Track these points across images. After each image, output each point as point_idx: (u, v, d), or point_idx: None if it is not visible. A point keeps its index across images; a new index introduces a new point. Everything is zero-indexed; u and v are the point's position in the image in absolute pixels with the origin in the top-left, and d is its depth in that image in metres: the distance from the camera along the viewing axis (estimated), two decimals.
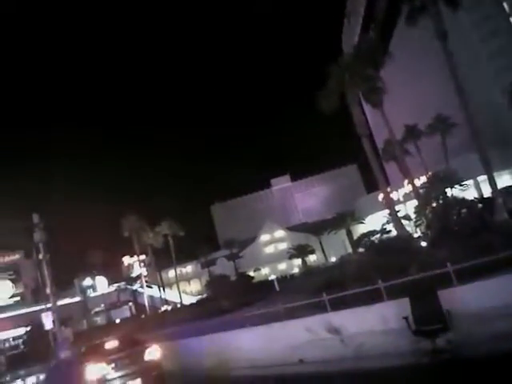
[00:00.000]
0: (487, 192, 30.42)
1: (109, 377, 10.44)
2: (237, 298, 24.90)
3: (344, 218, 60.86)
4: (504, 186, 35.09)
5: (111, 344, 11.81)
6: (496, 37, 53.23)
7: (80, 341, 29.28)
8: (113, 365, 10.59)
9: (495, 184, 23.09)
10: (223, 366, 13.32)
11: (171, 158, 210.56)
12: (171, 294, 67.48)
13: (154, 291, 67.13)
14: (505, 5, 53.60)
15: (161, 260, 66.17)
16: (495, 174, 24.58)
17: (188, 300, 62.58)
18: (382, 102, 29.90)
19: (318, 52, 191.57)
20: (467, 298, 9.72)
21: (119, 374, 10.54)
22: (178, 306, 57.37)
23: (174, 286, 66.33)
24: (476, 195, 35.72)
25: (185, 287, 78.29)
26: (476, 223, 18.98)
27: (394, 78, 50.29)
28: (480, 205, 23.80)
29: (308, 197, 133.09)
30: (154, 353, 11.59)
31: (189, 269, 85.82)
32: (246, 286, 30.62)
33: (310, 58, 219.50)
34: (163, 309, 57.59)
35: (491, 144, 38.28)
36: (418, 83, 65.85)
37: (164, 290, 65.44)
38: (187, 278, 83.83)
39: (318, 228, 71.29)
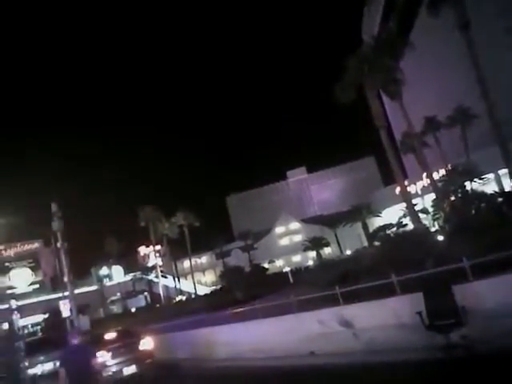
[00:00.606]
0: (508, 186, 29.71)
1: (108, 363, 12.09)
2: (251, 290, 25.03)
3: (360, 211, 60.26)
4: None
5: (110, 335, 13.59)
6: None
7: (97, 328, 29.93)
8: (111, 353, 12.31)
9: None
10: (231, 356, 13.44)
11: (188, 149, 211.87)
12: (186, 285, 68.18)
13: (169, 281, 67.90)
14: None
15: (176, 250, 66.83)
16: None
17: (202, 291, 63.16)
18: (401, 93, 29.37)
19: (338, 42, 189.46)
20: (482, 294, 9.56)
21: (116, 360, 12.32)
22: (193, 296, 57.96)
23: (189, 277, 66.99)
24: (496, 189, 34.91)
25: (199, 278, 79.00)
26: (495, 218, 18.61)
27: (414, 69, 49.25)
28: (500, 199, 23.27)
29: (324, 189, 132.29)
30: (147, 343, 13.57)
31: (204, 259, 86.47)
32: (260, 278, 30.70)
33: (329, 48, 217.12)
34: (178, 299, 58.28)
35: None
36: (438, 74, 64.46)
37: (179, 280, 66.16)
38: (202, 269, 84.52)
39: (333, 220, 70.91)
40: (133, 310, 59.42)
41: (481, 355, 8.33)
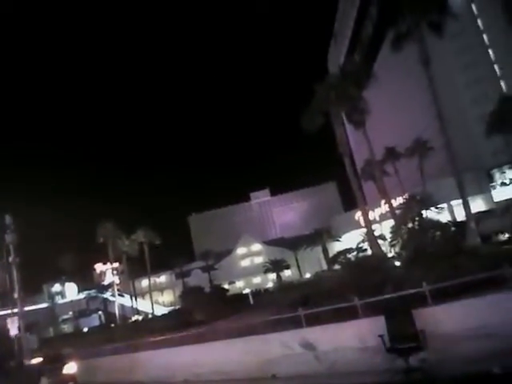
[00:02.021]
0: (461, 216, 31.15)
1: None
2: (211, 311, 24.61)
3: (320, 235, 61.20)
4: (477, 210, 36.09)
5: (37, 360, 15.42)
6: (475, 67, 55.27)
7: (45, 348, 28.36)
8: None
9: (469, 208, 23.70)
10: (190, 379, 13.13)
11: (152, 166, 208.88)
12: (143, 304, 66.17)
13: (126, 300, 65.66)
14: (484, 36, 55.80)
15: (135, 269, 64.94)
16: (469, 199, 25.24)
17: (160, 311, 61.46)
18: (365, 122, 30.47)
19: (304, 71, 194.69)
20: (441, 319, 9.89)
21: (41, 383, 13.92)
22: (150, 316, 56.26)
23: (147, 296, 65.09)
24: (450, 218, 36.56)
25: (157, 297, 76.98)
26: (449, 246, 19.41)
27: (377, 100, 51.46)
28: (453, 228, 24.35)
29: (286, 212, 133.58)
30: (70, 368, 15.03)
31: (163, 279, 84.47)
32: (220, 299, 30.25)
33: (295, 76, 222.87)
34: (134, 318, 56.34)
35: (466, 169, 39.45)
36: (399, 106, 67.53)
37: (136, 299, 64.13)
38: (160, 288, 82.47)
39: (294, 243, 71.46)
40: (85, 329, 56.81)
41: (438, 379, 8.59)
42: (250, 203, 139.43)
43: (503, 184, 48.87)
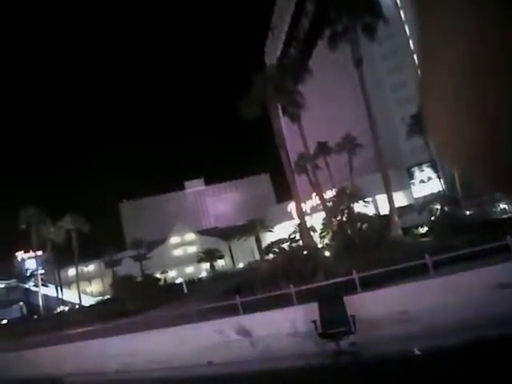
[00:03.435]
0: (384, 209, 33.27)
1: None
2: (144, 300, 24.21)
3: (254, 226, 62.10)
4: (399, 205, 38.74)
5: None
6: (401, 71, 58.85)
7: None
8: None
9: (393, 202, 25.45)
10: (124, 369, 12.95)
11: (82, 151, 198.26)
12: (69, 294, 63.16)
13: (51, 290, 62.22)
14: (410, 42, 59.46)
15: (61, 257, 61.55)
16: (392, 194, 27.07)
17: (88, 301, 59.11)
18: (300, 115, 31.30)
19: (243, 60, 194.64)
20: (369, 304, 10.66)
21: None
22: (77, 306, 53.90)
23: (74, 286, 62.20)
24: (375, 212, 38.85)
25: (85, 287, 73.83)
26: (375, 237, 20.82)
27: (312, 95, 52.99)
28: (379, 221, 26.04)
29: (220, 202, 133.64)
30: None
31: (91, 268, 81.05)
32: (153, 288, 29.81)
33: (234, 65, 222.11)
34: (59, 310, 53.73)
35: (390, 166, 42.15)
36: (332, 102, 70.04)
37: (62, 289, 60.99)
38: (89, 278, 79.11)
39: (228, 233, 71.91)
40: (4, 321, 53.15)
41: (366, 361, 9.29)
42: (184, 192, 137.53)
43: (421, 181, 52.87)
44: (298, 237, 34.61)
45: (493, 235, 12.86)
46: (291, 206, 56.35)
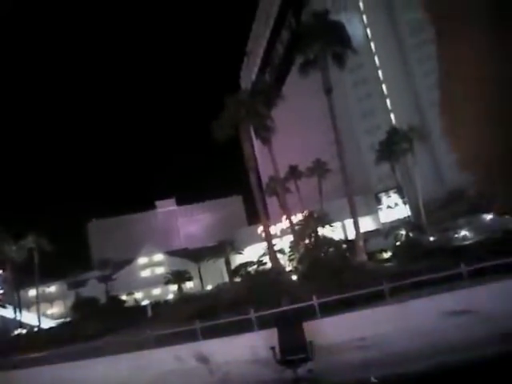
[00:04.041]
0: (352, 234, 33.76)
1: None
2: (105, 323, 23.39)
3: (224, 247, 61.78)
4: (366, 229, 39.43)
5: None
6: (370, 99, 60.90)
7: None
8: None
9: (358, 227, 25.88)
10: None
11: (50, 167, 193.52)
12: (29, 316, 60.40)
13: (8, 312, 59.37)
14: (379, 72, 61.80)
15: (22, 277, 59.02)
16: (359, 219, 27.56)
17: (48, 324, 56.66)
18: (271, 139, 31.74)
19: (218, 82, 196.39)
20: (328, 330, 10.68)
21: None
22: (36, 329, 51.52)
23: (35, 308, 59.62)
24: (342, 236, 39.39)
25: (46, 309, 70.87)
26: (340, 262, 21.02)
27: (284, 120, 53.92)
28: (345, 245, 26.40)
29: (192, 223, 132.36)
30: None
31: (53, 289, 78.11)
32: (116, 311, 28.91)
33: (209, 87, 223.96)
34: (17, 332, 51.21)
35: (358, 192, 43.08)
36: (304, 127, 71.40)
37: (20, 310, 58.29)
38: (50, 299, 76.11)
39: (198, 255, 71.07)
40: None
41: None
42: (155, 212, 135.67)
43: (388, 207, 54.13)
44: (267, 259, 34.64)
45: (452, 262, 13.23)
46: (261, 229, 56.42)
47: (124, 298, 54.40)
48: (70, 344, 18.40)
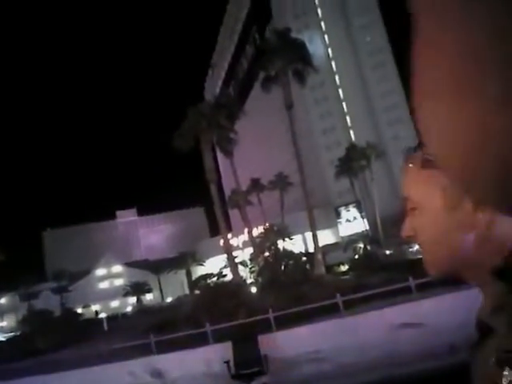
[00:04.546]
0: (312, 247, 34.35)
1: None
2: (58, 338, 22.55)
3: (185, 259, 61.07)
4: (326, 243, 40.18)
5: None
6: (331, 116, 62.61)
7: None
8: None
9: (317, 241, 26.39)
10: None
11: (2, 173, 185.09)
12: None
13: None
14: (340, 90, 63.69)
15: None
16: (318, 232, 28.11)
17: None
18: (233, 151, 31.89)
19: (181, 93, 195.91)
20: (283, 343, 10.87)
21: None
22: None
23: None
24: (302, 249, 39.93)
25: None
26: (299, 275, 21.36)
27: (248, 133, 54.46)
28: (304, 258, 26.80)
29: (153, 234, 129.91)
30: None
31: (3, 301, 74.35)
32: (70, 324, 27.89)
33: (173, 97, 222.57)
34: None
35: (318, 205, 43.94)
36: (267, 141, 72.20)
37: None
38: (0, 312, 72.39)
39: (158, 266, 69.84)
40: None
41: None
42: (115, 222, 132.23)
43: (347, 221, 55.41)
44: (228, 271, 34.56)
45: (405, 275, 13.80)
46: (223, 241, 56.30)
47: (80, 310, 52.57)
48: (19, 360, 17.67)
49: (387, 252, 31.14)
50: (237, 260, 33.50)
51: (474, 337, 0.49)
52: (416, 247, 32.85)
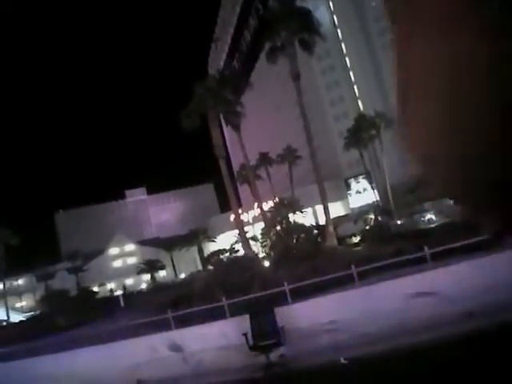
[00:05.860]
0: (323, 219, 34.35)
1: None
2: (76, 315, 23.13)
3: (196, 235, 61.58)
4: (336, 215, 40.12)
5: None
6: (338, 86, 61.41)
7: None
8: None
9: (328, 213, 26.31)
10: None
11: (14, 158, 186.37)
12: None
13: None
14: (347, 59, 62.30)
15: None
16: (329, 204, 28.02)
17: (17, 317, 55.31)
18: (240, 125, 31.59)
19: (186, 70, 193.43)
20: (299, 315, 10.95)
21: None
22: (4, 323, 50.25)
23: (2, 301, 58.07)
24: (314, 222, 39.97)
25: (15, 303, 69.08)
26: (311, 247, 21.43)
27: (255, 107, 53.69)
28: (316, 231, 26.83)
29: (163, 212, 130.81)
30: None
31: (21, 282, 76.13)
32: (87, 302, 28.58)
33: (178, 74, 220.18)
34: None
35: (328, 178, 43.62)
36: (274, 115, 71.41)
37: None
38: (19, 293, 74.18)
39: (170, 244, 70.60)
40: None
41: (294, 372, 9.53)
42: (125, 201, 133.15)
43: (358, 192, 55.17)
44: (239, 247, 34.82)
45: (418, 244, 13.73)
46: (233, 216, 56.59)
47: (96, 289, 53.68)
48: (40, 338, 18.14)
49: (398, 222, 31.04)
50: (247, 235, 33.66)
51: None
52: (428, 216, 32.79)
